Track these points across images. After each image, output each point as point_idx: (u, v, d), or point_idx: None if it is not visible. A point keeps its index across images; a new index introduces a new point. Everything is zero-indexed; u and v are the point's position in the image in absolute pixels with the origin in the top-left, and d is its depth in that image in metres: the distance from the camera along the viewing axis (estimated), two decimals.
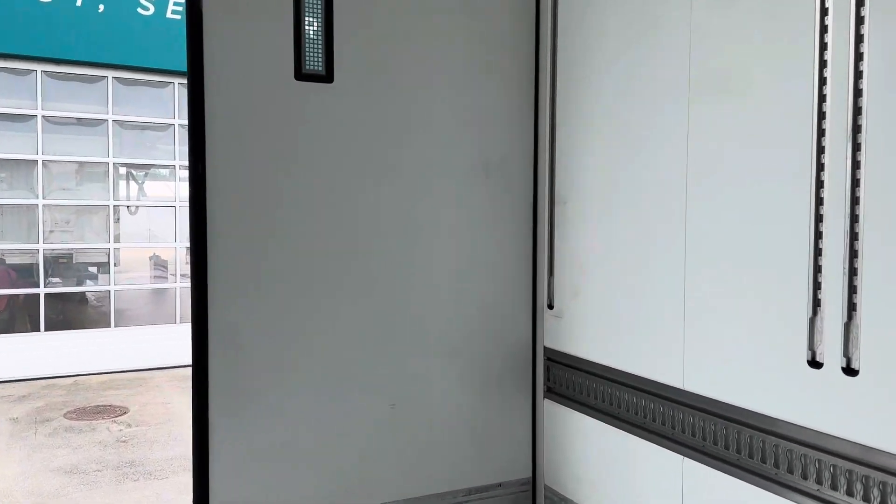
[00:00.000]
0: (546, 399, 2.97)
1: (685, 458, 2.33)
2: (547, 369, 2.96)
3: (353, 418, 2.72)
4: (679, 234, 2.30)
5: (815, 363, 1.91)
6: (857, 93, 1.79)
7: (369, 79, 2.71)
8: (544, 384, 2.98)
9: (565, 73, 2.84)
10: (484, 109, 2.89)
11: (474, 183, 2.89)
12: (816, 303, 1.90)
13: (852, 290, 1.81)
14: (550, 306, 2.93)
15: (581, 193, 2.75)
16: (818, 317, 1.90)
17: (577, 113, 2.76)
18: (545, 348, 2.96)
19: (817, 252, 1.90)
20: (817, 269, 1.90)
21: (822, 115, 1.87)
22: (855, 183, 1.80)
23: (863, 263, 1.78)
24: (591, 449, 2.74)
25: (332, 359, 2.69)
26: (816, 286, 1.90)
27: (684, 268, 2.29)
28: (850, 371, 1.82)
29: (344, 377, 2.71)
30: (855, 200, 1.80)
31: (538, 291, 2.99)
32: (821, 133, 1.88)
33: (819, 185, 1.89)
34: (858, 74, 1.78)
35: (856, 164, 1.80)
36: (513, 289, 2.97)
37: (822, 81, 1.87)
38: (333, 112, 2.66)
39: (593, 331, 2.71)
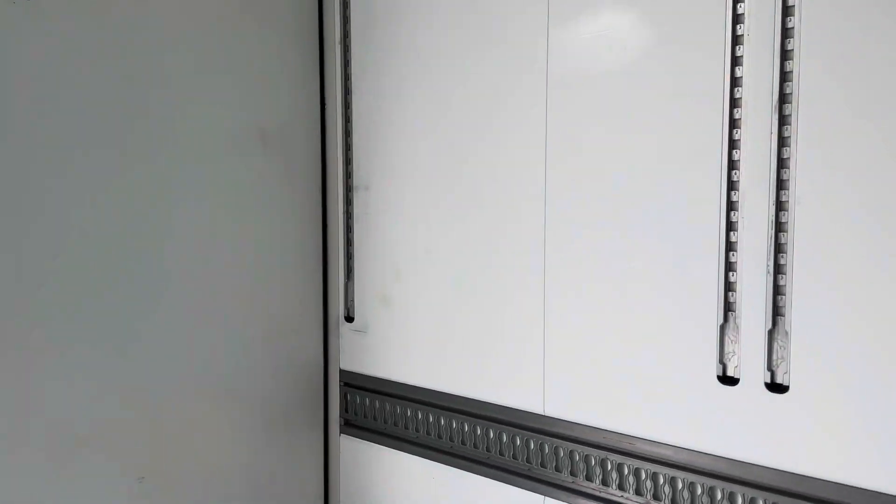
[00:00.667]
0: (343, 435, 2.35)
1: (546, 498, 1.91)
2: (344, 397, 2.34)
3: None
4: (537, 216, 1.85)
5: (727, 379, 1.60)
6: (785, 55, 1.49)
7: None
8: (340, 416, 2.35)
9: (363, 13, 2.21)
10: (251, 59, 2.13)
11: (243, 160, 2.13)
12: (728, 307, 1.60)
13: (777, 291, 1.53)
14: (349, 319, 2.31)
15: (389, 175, 2.17)
16: (730, 324, 1.60)
17: (380, 67, 2.16)
18: (341, 371, 2.33)
19: (728, 247, 1.58)
20: (728, 267, 1.59)
21: (735, 82, 1.55)
22: (781, 164, 1.51)
23: (792, 260, 1.49)
24: (412, 494, 2.20)
25: (44, 420, 1.76)
26: (728, 287, 1.59)
27: (543, 258, 1.85)
28: (776, 387, 1.54)
29: (63, 449, 1.79)
30: (781, 184, 1.51)
31: (330, 300, 2.34)
32: (733, 104, 1.55)
33: (731, 165, 1.57)
34: (786, 33, 1.48)
35: (782, 141, 1.50)
36: (297, 298, 2.27)
37: (735, 40, 1.54)
38: (25, 46, 1.71)
39: (412, 347, 2.15)
